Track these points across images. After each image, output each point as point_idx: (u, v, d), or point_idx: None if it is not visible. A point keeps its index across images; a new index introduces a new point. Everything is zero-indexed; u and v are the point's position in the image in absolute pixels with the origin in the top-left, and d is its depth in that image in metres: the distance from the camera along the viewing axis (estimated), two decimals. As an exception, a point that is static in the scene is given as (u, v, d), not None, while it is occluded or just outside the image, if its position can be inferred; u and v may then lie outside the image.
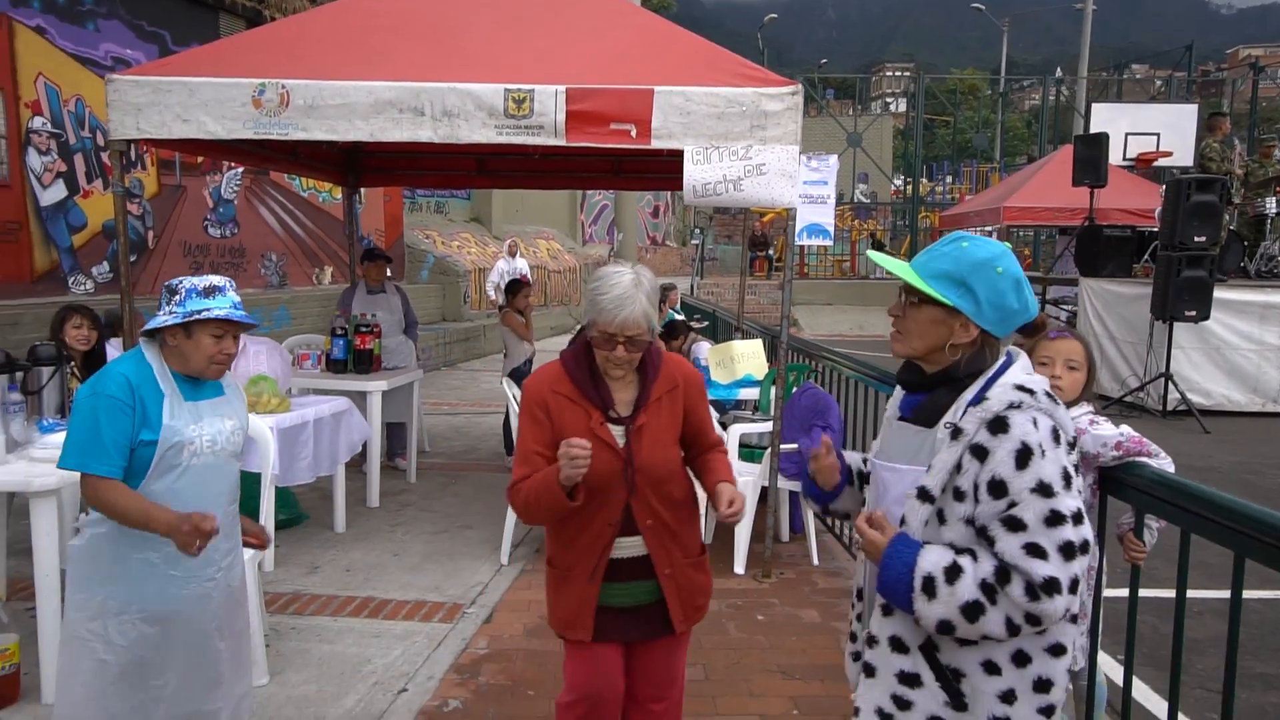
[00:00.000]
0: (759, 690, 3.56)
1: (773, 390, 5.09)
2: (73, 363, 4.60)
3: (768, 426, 5.43)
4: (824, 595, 4.58)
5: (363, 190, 8.64)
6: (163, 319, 2.43)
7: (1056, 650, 1.73)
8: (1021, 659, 1.72)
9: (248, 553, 3.62)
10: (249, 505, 4.09)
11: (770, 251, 24.02)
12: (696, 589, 2.48)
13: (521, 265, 14.34)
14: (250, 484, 4.30)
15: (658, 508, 2.37)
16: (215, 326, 2.44)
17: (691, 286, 21.03)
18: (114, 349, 5.10)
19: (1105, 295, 11.19)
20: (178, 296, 2.45)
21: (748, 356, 6.39)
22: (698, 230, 30.75)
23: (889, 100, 52.75)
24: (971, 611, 1.63)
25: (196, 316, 2.40)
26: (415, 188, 16.93)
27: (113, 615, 2.40)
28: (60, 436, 3.65)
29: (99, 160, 8.97)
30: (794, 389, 5.58)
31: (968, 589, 1.64)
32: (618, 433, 2.36)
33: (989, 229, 15.39)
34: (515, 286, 7.69)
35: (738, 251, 27.11)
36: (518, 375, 6.94)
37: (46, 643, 3.31)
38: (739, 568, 4.85)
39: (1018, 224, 16.59)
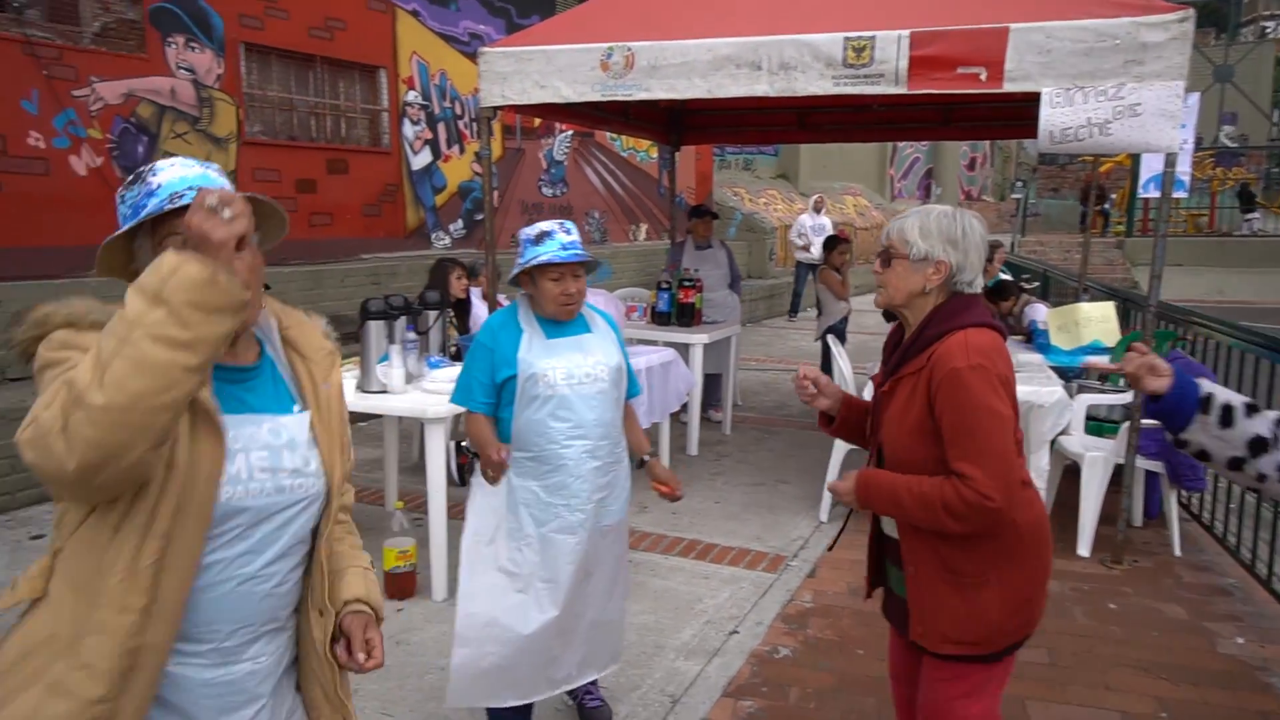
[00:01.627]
0: (1116, 685, 3.26)
1: (1132, 359, 4.56)
2: (450, 308, 5.22)
3: (1121, 398, 4.91)
4: (1191, 591, 4.08)
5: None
6: (513, 271, 2.64)
7: None
8: None
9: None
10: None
11: (1107, 205, 21.54)
12: (944, 610, 1.99)
13: (825, 222, 14.09)
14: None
15: None
16: (552, 270, 2.55)
17: (1012, 244, 19.48)
18: (474, 296, 5.72)
19: None
20: (519, 248, 2.65)
21: (1096, 320, 5.78)
22: (1019, 183, 28.30)
23: (1267, 26, 44.67)
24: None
25: (531, 263, 2.55)
26: (734, 144, 17.16)
27: (504, 540, 2.65)
28: (443, 372, 4.18)
29: (457, 128, 10.05)
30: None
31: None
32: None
33: None
34: (832, 243, 7.56)
35: (1064, 206, 24.60)
36: (835, 334, 6.85)
37: (436, 548, 3.83)
38: (1083, 549, 4.46)
39: None
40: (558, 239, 2.56)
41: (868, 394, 2.37)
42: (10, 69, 6.20)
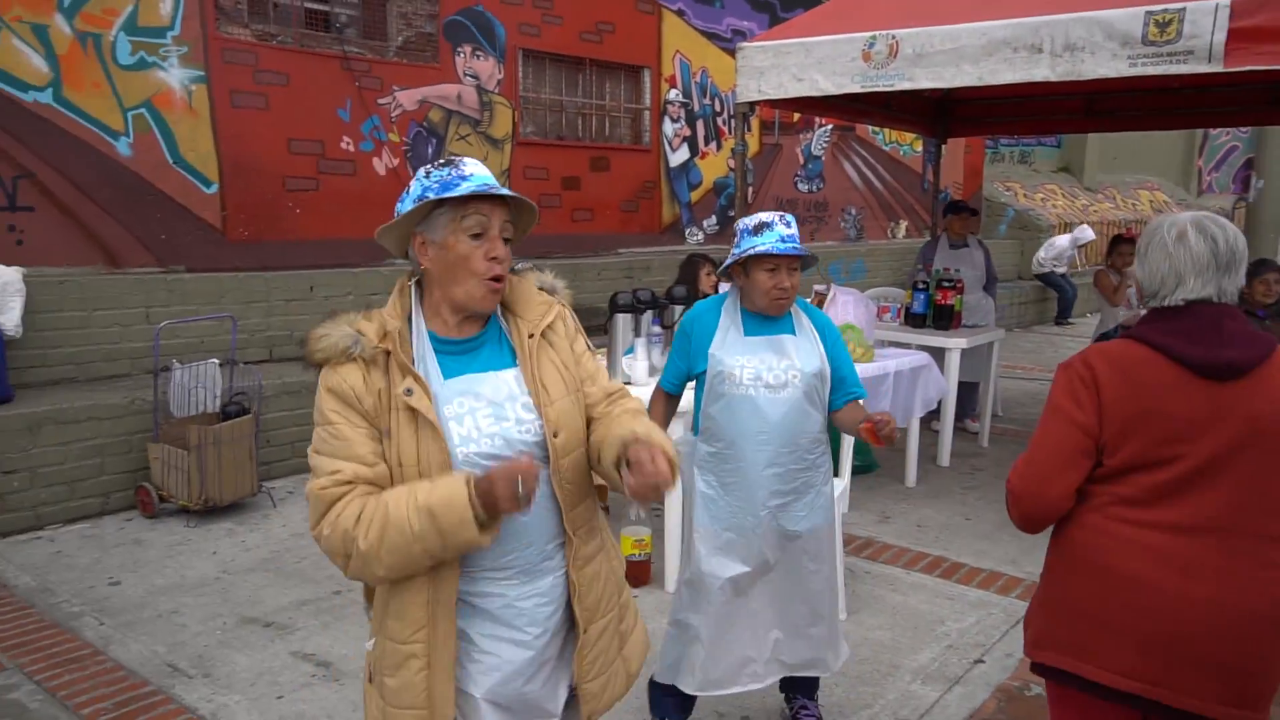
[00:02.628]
0: None
1: None
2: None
3: None
4: None
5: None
6: (727, 261, 2.58)
7: None
8: None
9: (835, 492, 3.82)
10: (830, 445, 4.31)
11: None
12: None
13: (1074, 251, 12.92)
14: (832, 428, 4.53)
15: None
16: (768, 261, 2.47)
17: (1353, 247, 16.52)
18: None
19: None
20: (736, 238, 2.57)
21: None
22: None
23: None
24: None
25: (747, 254, 2.47)
26: (1004, 136, 16.01)
27: (699, 534, 2.64)
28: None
29: (715, 125, 10.16)
30: None
31: None
32: None
33: None
34: (1115, 242, 6.80)
35: None
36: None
37: (671, 539, 3.88)
38: None
39: None
40: (777, 230, 2.49)
41: None
42: (330, 81, 7.06)
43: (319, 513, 1.53)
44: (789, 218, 2.53)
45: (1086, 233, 13.04)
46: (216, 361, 5.15)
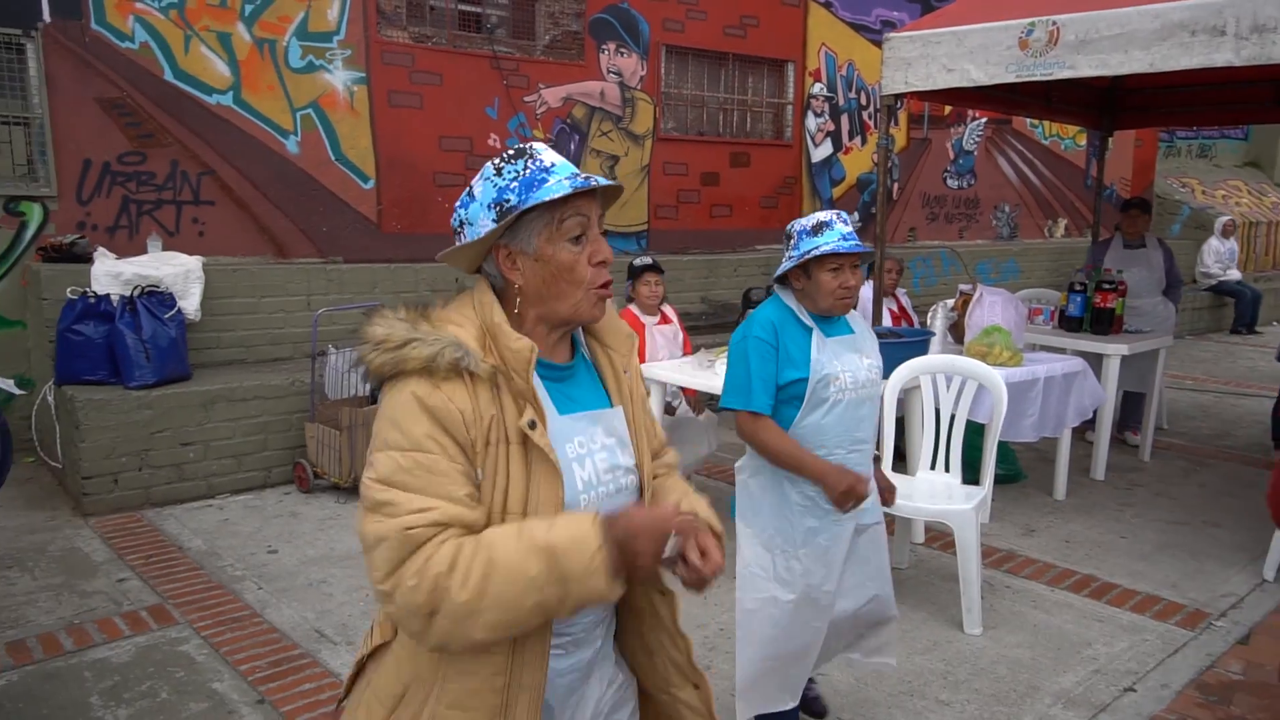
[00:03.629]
0: None
1: None
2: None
3: None
4: None
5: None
6: (784, 265, 2.49)
7: None
8: None
9: (972, 500, 3.65)
10: (971, 455, 4.12)
11: None
12: None
13: (1233, 246, 11.78)
14: (974, 434, 4.33)
15: None
16: (831, 261, 2.41)
17: None
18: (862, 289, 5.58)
19: None
20: (792, 240, 2.48)
21: None
22: None
23: None
24: None
25: (809, 255, 2.40)
26: (1180, 128, 14.85)
27: (777, 550, 2.53)
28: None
29: (860, 119, 9.89)
30: None
31: None
32: None
33: None
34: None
35: None
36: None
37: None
38: None
39: None
40: (837, 229, 2.43)
41: None
42: (480, 80, 7.32)
43: (398, 558, 1.19)
44: (845, 215, 2.49)
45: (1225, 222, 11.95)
46: (368, 348, 5.43)
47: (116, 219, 5.91)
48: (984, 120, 11.06)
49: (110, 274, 5.17)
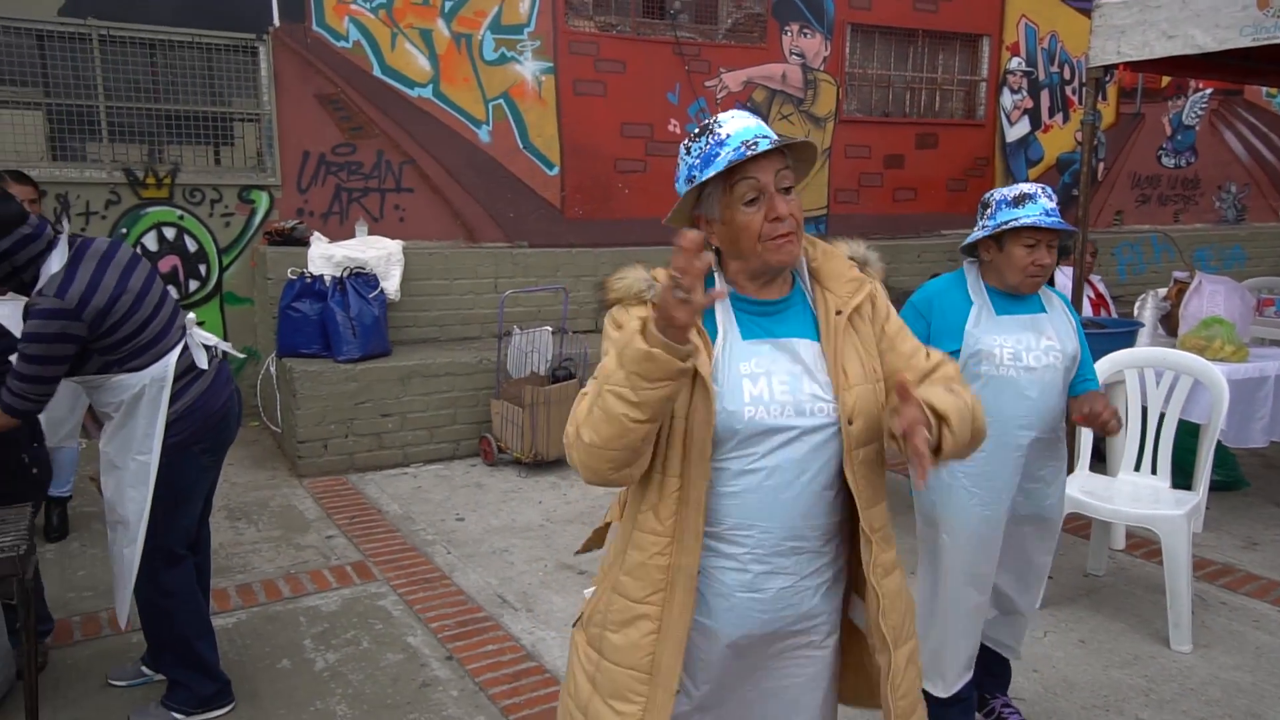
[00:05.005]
0: None
1: None
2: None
3: None
4: None
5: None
6: (976, 233, 2.43)
7: None
8: None
9: (1183, 506, 3.35)
10: (1181, 457, 3.77)
11: None
12: None
13: None
14: (1186, 435, 3.95)
15: None
16: (1027, 236, 2.33)
17: None
18: (1061, 275, 5.21)
19: None
20: (989, 209, 2.41)
21: None
22: None
23: None
24: None
25: (1005, 227, 2.33)
26: None
27: (941, 526, 2.48)
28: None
29: (1062, 95, 9.22)
30: None
31: None
32: None
33: None
34: None
35: None
36: None
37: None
38: None
39: None
40: (1040, 203, 2.34)
41: None
42: (662, 66, 7.39)
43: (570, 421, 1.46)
44: (1050, 190, 2.40)
45: None
46: (550, 329, 5.64)
47: (329, 205, 6.42)
48: (1209, 91, 10.02)
49: (324, 256, 5.64)
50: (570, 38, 7.04)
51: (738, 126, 1.47)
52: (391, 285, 5.81)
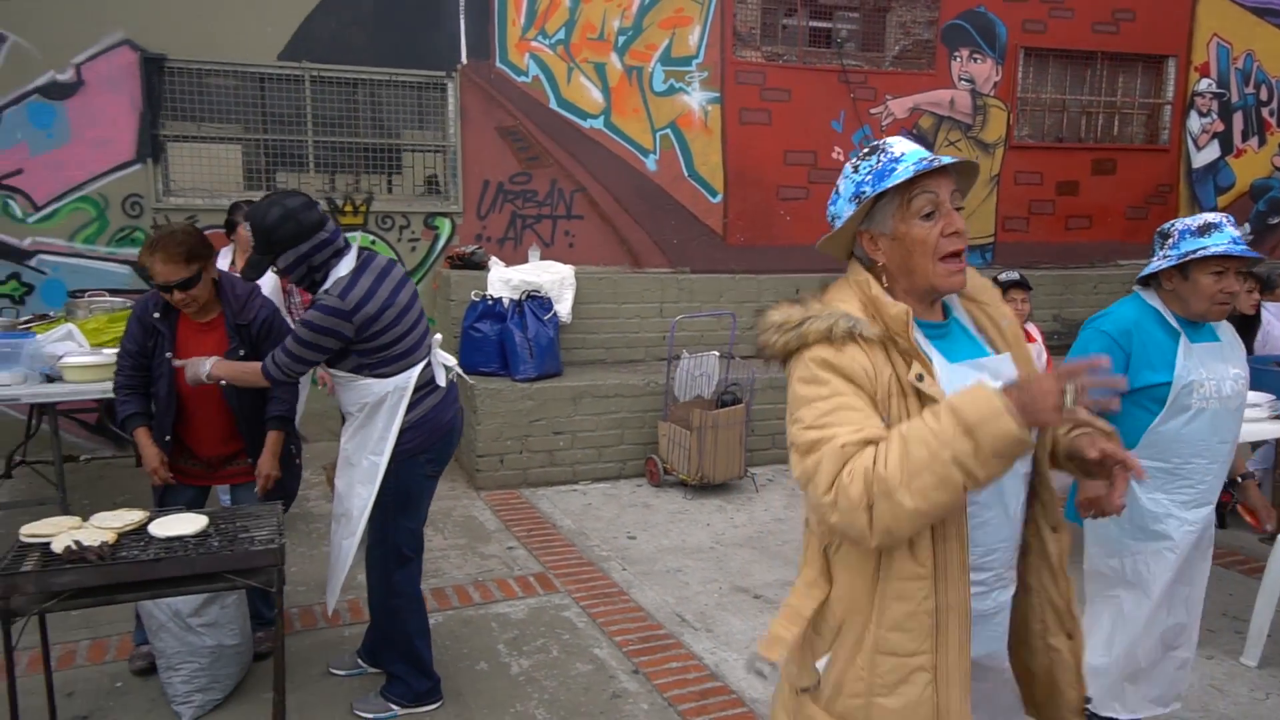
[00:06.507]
0: None
1: None
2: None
3: None
4: None
5: None
6: (1157, 263, 2.40)
7: None
8: None
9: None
10: None
11: None
12: None
13: None
14: None
15: None
16: (1215, 264, 2.32)
17: None
18: (1269, 313, 4.88)
19: None
20: (1170, 239, 2.40)
21: None
22: None
23: None
24: None
25: (1192, 256, 2.31)
26: None
27: (1127, 555, 2.46)
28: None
29: (1258, 117, 8.64)
30: None
31: None
32: None
33: None
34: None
35: None
36: None
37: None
38: None
39: None
40: (1227, 232, 2.34)
41: None
42: (826, 94, 7.40)
43: (835, 469, 1.35)
44: (1233, 219, 2.41)
45: None
46: (716, 354, 5.72)
47: (505, 231, 6.75)
48: None
49: (502, 280, 5.93)
50: (737, 67, 7.16)
51: (909, 147, 1.50)
52: (564, 308, 6.04)
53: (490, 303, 5.79)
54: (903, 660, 1.43)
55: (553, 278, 6.08)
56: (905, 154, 1.48)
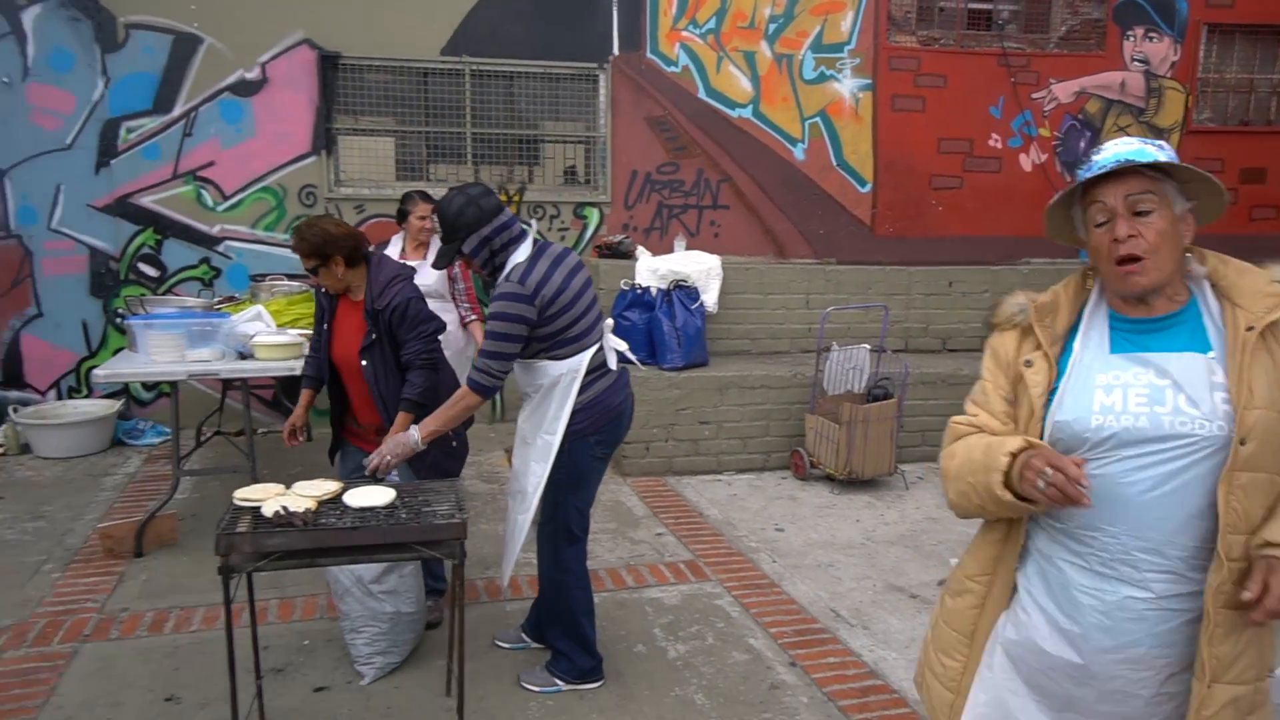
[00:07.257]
0: None
1: None
2: None
3: None
4: None
5: None
6: None
7: None
8: None
9: None
10: None
11: None
12: None
13: None
14: None
15: None
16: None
17: None
18: None
19: None
20: None
21: None
22: None
23: None
24: None
25: None
26: None
27: None
28: None
29: None
30: None
31: None
32: None
33: None
34: None
35: None
36: None
37: None
38: None
39: None
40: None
41: None
42: (985, 79, 7.10)
43: (948, 441, 1.72)
44: None
45: None
46: (868, 347, 5.60)
47: (651, 221, 6.81)
48: None
49: (650, 269, 5.98)
50: (891, 53, 6.96)
51: (1118, 148, 1.56)
52: (711, 298, 6.03)
53: (639, 292, 5.85)
54: (963, 578, 1.76)
55: (699, 267, 6.09)
56: (1099, 159, 1.57)
